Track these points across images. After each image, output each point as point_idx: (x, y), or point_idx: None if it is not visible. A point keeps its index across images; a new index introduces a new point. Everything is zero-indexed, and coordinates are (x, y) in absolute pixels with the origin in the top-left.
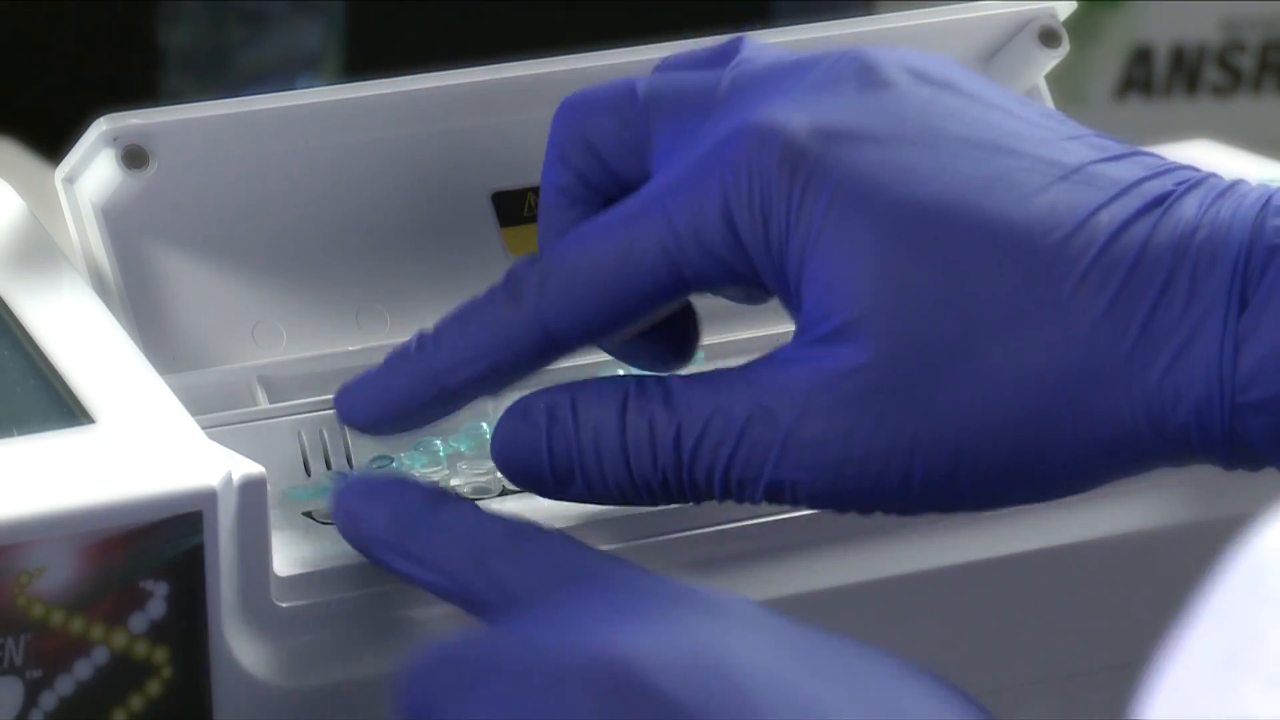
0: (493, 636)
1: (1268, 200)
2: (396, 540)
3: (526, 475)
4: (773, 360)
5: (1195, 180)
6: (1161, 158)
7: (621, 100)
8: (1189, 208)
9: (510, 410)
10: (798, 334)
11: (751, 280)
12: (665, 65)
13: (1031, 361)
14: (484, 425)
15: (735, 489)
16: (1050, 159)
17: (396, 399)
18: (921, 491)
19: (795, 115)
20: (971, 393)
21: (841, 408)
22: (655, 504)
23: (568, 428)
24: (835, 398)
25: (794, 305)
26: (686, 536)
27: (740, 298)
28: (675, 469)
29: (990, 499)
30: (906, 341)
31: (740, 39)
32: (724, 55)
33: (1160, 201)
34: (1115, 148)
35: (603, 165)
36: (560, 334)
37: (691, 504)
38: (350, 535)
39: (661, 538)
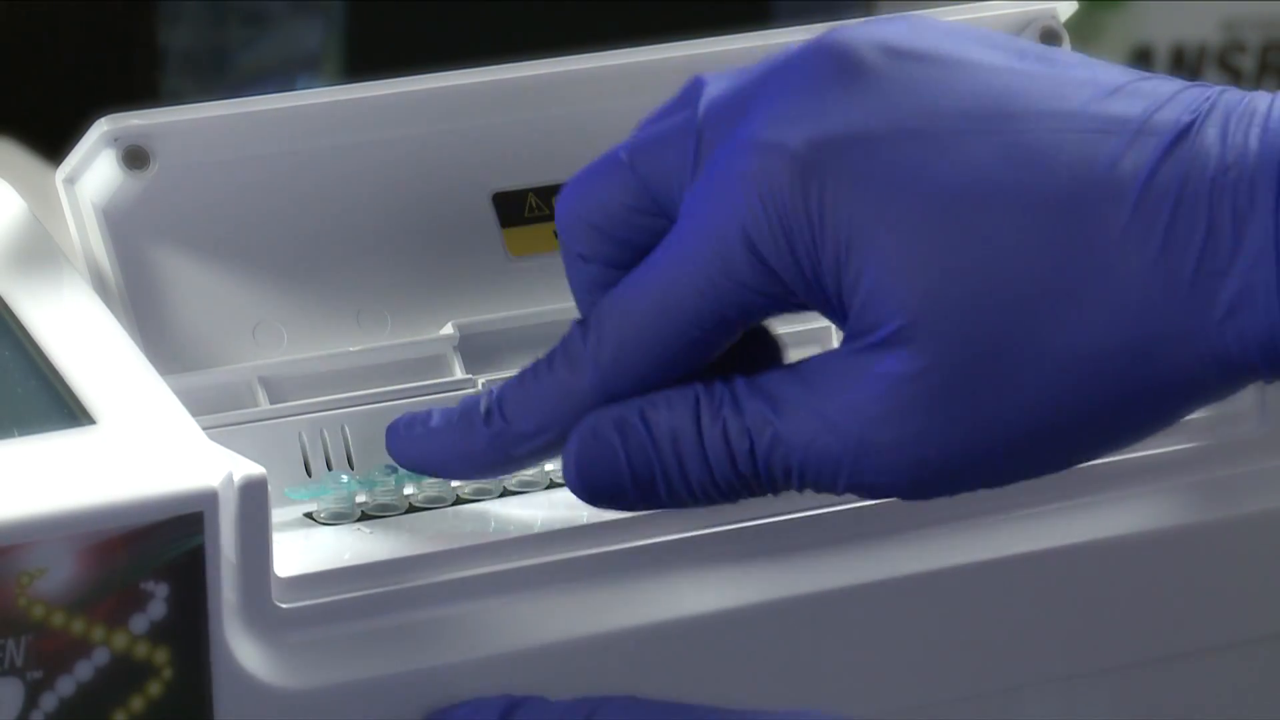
0: None
1: None
2: None
3: (608, 492)
4: (830, 365)
5: (1210, 103)
6: (1161, 77)
7: (612, 170)
8: (1212, 141)
9: (579, 435)
10: (848, 339)
11: (791, 302)
12: (640, 126)
13: (1089, 334)
14: None
15: (814, 489)
16: (1053, 110)
17: (459, 463)
18: (1004, 470)
19: (789, 130)
20: (1035, 374)
21: (907, 413)
22: (737, 500)
23: (643, 439)
24: (899, 404)
25: (837, 316)
26: (688, 538)
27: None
28: (753, 471)
29: (1073, 460)
30: (960, 338)
31: (697, 78)
32: (687, 95)
33: (1183, 136)
34: (1108, 78)
35: (616, 241)
36: (624, 395)
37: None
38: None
39: (662, 538)
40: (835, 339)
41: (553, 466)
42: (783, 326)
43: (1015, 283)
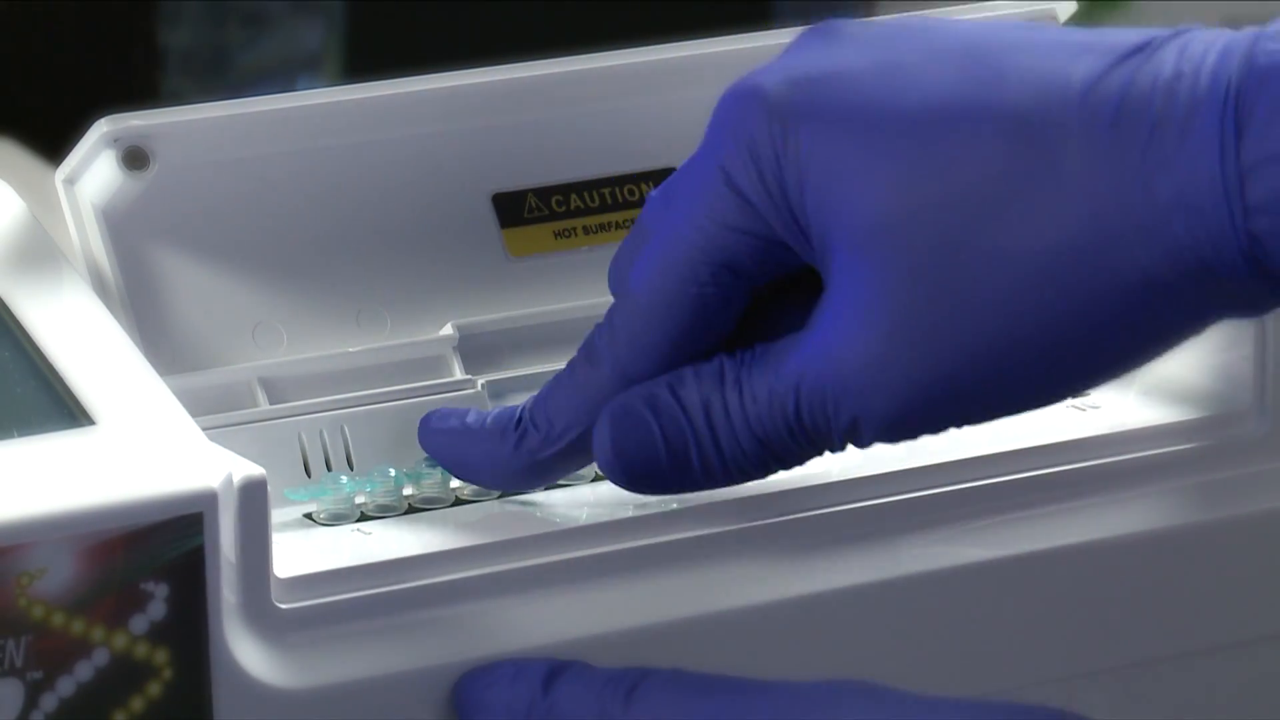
0: None
1: (1258, 34)
2: None
3: (643, 471)
4: (820, 304)
5: (1174, 33)
6: (1147, 29)
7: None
8: (1169, 54)
9: (610, 414)
10: (823, 273)
11: (774, 243)
12: None
13: (1043, 234)
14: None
15: (818, 439)
16: (1020, 45)
17: (490, 472)
18: (980, 396)
19: (768, 76)
20: (994, 280)
21: (874, 330)
22: (768, 472)
23: (675, 413)
24: (865, 322)
25: (810, 251)
26: (686, 539)
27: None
28: (778, 430)
29: (1049, 386)
30: (917, 248)
31: None
32: None
33: (1138, 50)
34: (1088, 32)
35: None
36: (644, 379)
37: (763, 479)
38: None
39: (661, 539)
40: None
41: None
42: None
43: (970, 191)
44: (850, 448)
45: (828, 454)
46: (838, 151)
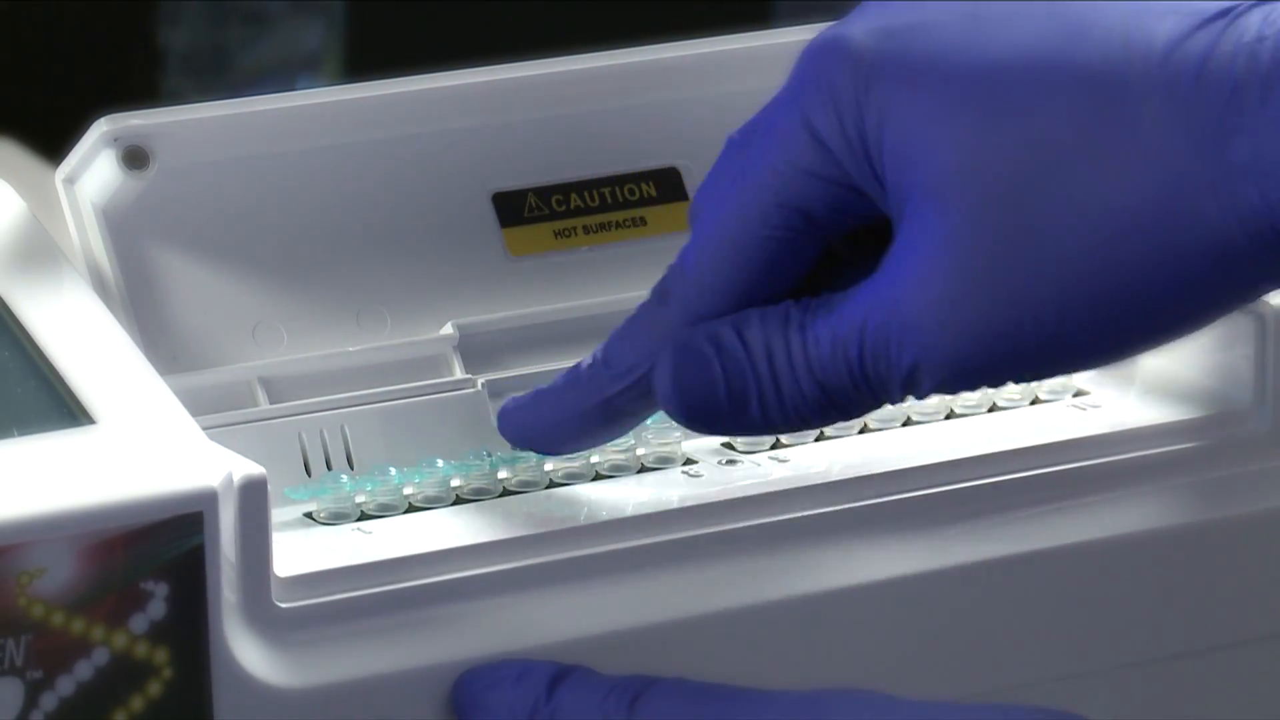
0: None
1: None
2: None
3: (701, 408)
4: (891, 250)
5: (1261, 2)
6: None
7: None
8: (1253, 19)
9: (671, 349)
10: (895, 221)
11: (855, 195)
12: None
13: (1116, 190)
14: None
15: (881, 384)
16: (1104, 3)
17: (564, 418)
18: (1041, 349)
19: (853, 27)
20: (1063, 234)
21: (941, 274)
22: (827, 422)
23: (738, 352)
24: (932, 267)
25: (884, 198)
26: (688, 537)
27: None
28: (839, 376)
29: (1108, 344)
30: (989, 198)
31: None
32: None
33: (1223, 14)
34: None
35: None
36: (711, 317)
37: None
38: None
39: (661, 538)
40: None
41: (551, 466)
42: None
43: (1046, 144)
44: (910, 400)
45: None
46: (918, 101)
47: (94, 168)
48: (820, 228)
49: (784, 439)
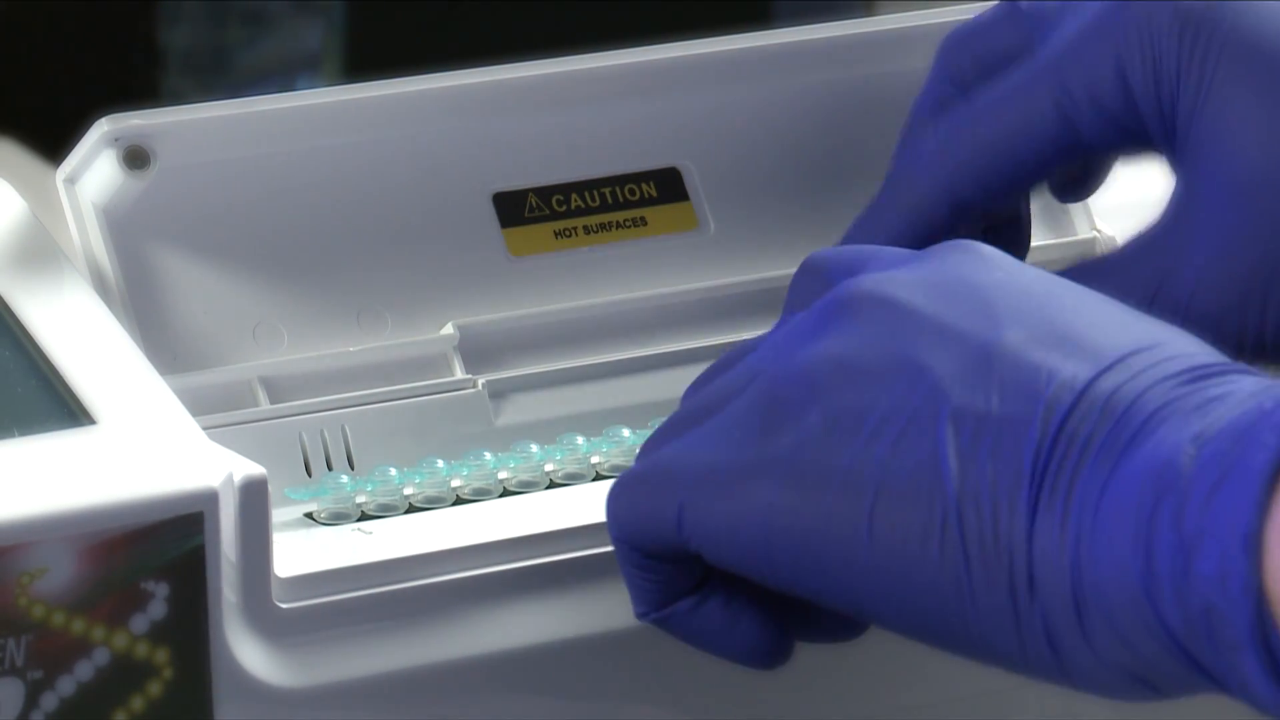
0: None
1: None
2: None
3: None
4: (1177, 222)
5: None
6: None
7: (1007, 12)
8: None
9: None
10: (1188, 197)
11: (1141, 140)
12: None
13: None
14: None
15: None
16: None
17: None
18: None
19: None
20: None
21: (1235, 274)
22: None
23: None
24: (1229, 266)
25: (1182, 167)
26: None
27: (1119, 156)
28: None
29: None
30: None
31: None
32: None
33: None
34: None
35: (982, 69)
36: (968, 199)
37: None
38: None
39: None
40: None
41: (552, 466)
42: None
43: None
44: None
45: None
46: (1236, 90)
47: (95, 168)
48: (1084, 147)
49: None
